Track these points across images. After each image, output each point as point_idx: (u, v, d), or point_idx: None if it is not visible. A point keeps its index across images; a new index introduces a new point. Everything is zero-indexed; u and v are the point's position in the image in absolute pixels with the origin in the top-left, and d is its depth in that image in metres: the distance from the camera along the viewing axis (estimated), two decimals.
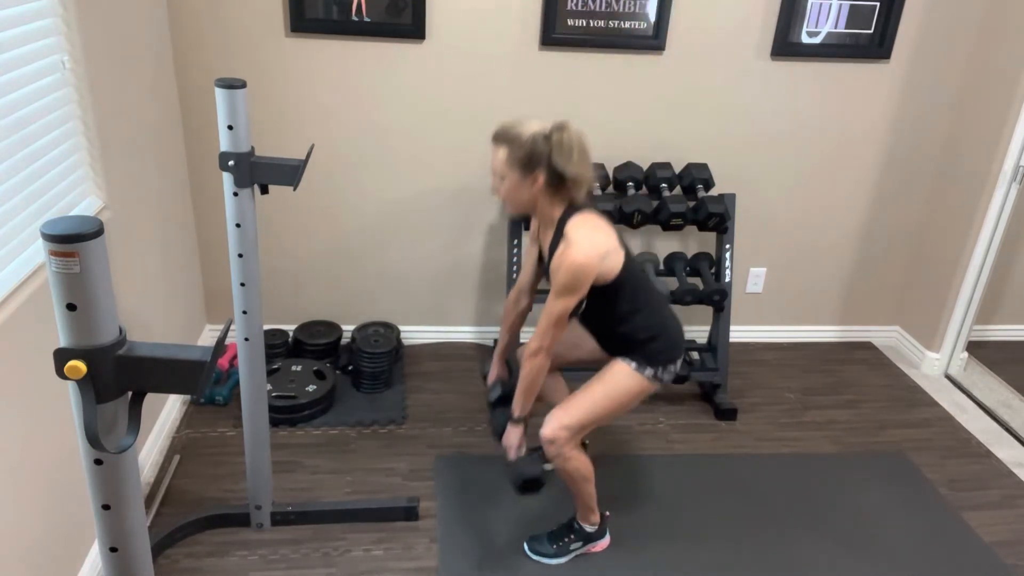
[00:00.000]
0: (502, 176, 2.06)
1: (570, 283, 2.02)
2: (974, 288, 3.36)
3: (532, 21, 2.95)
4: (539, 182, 2.04)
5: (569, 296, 2.04)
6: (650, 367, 2.17)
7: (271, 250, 3.24)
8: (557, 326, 2.07)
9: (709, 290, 3.07)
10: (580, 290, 2.04)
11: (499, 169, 2.06)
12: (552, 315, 2.06)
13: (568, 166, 2.01)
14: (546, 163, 2.01)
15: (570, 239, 2.02)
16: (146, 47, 2.62)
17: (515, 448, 2.23)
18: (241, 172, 1.92)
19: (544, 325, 2.09)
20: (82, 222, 0.96)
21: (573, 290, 2.03)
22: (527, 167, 2.03)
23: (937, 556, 2.48)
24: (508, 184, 2.06)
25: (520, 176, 2.04)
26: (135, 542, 1.16)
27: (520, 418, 2.22)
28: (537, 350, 2.11)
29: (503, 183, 2.07)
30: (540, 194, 2.07)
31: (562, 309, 2.05)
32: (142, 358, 1.03)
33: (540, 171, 2.03)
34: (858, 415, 3.20)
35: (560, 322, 2.07)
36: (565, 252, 2.01)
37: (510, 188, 2.07)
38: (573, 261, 2.00)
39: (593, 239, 2.04)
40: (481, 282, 3.41)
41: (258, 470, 2.32)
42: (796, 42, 3.08)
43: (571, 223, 2.05)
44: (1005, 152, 3.11)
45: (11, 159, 1.85)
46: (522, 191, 2.07)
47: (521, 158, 2.02)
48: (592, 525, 2.38)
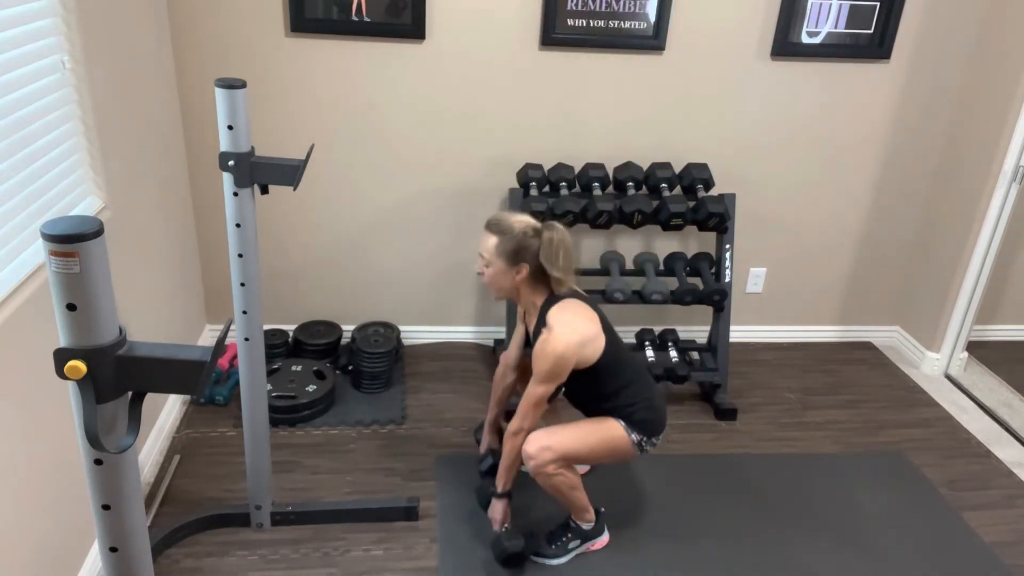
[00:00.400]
0: (488, 262, 2.19)
1: (550, 371, 2.13)
2: (974, 288, 3.36)
3: (532, 21, 2.95)
4: (523, 273, 2.17)
5: (549, 382, 2.15)
6: (636, 434, 2.24)
7: (271, 250, 3.24)
8: (537, 407, 2.19)
9: (709, 290, 3.07)
10: (559, 377, 2.15)
11: (487, 255, 2.18)
12: (532, 399, 2.17)
13: (553, 266, 2.15)
14: (531, 258, 2.15)
15: (551, 327, 2.13)
16: (146, 47, 2.62)
17: (499, 522, 2.33)
18: (241, 172, 1.92)
19: (525, 407, 2.19)
20: (82, 222, 0.96)
21: (552, 377, 2.14)
22: (513, 258, 2.15)
23: (937, 556, 2.48)
24: (493, 271, 2.19)
25: (506, 265, 2.17)
26: (135, 542, 1.16)
27: (504, 492, 2.33)
28: (518, 430, 2.21)
29: (489, 269, 2.20)
30: (523, 284, 2.20)
31: (542, 394, 2.17)
32: (142, 358, 1.03)
33: (525, 264, 2.16)
34: (858, 415, 3.20)
35: (540, 404, 2.19)
36: (546, 341, 2.12)
37: (495, 275, 2.19)
38: (552, 351, 2.10)
39: (574, 327, 2.14)
40: (481, 282, 3.41)
41: (258, 470, 2.32)
42: (796, 42, 3.08)
43: (552, 311, 2.16)
44: (1005, 152, 3.11)
45: (11, 159, 1.85)
46: (506, 279, 2.19)
47: (509, 250, 2.15)
48: (588, 523, 2.39)
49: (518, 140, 3.14)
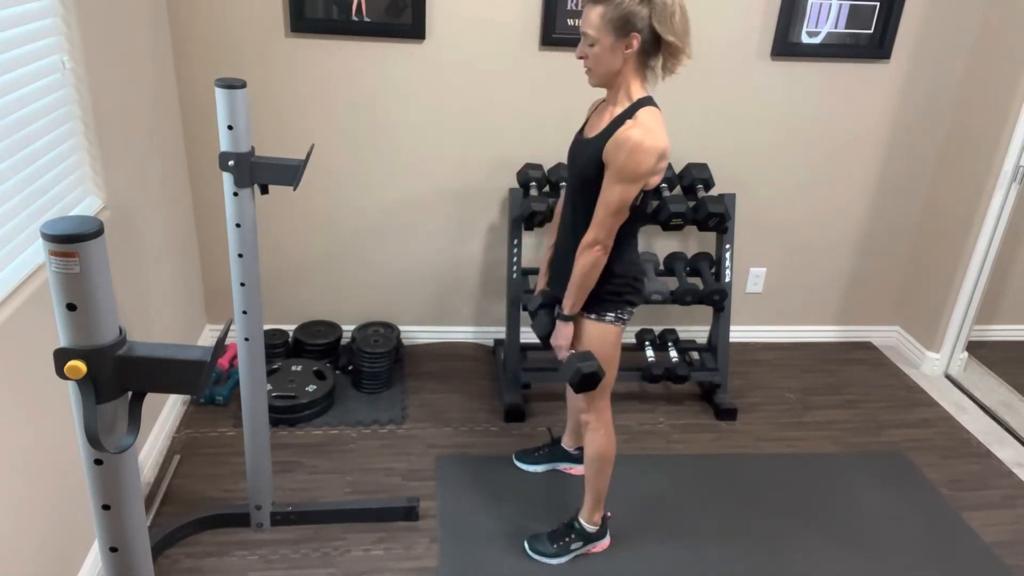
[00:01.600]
0: (595, 40, 1.88)
1: (630, 165, 1.87)
2: (974, 288, 3.36)
3: (532, 21, 2.95)
4: (634, 46, 1.88)
5: (627, 183, 1.89)
6: (611, 312, 2.11)
7: (271, 250, 3.24)
8: (616, 216, 1.94)
9: (709, 290, 3.07)
10: (639, 177, 1.89)
11: (592, 30, 1.88)
12: (611, 206, 1.93)
13: (668, 31, 1.86)
14: (644, 25, 1.86)
15: (639, 120, 1.89)
16: (146, 47, 2.62)
17: (566, 347, 2.14)
18: (241, 172, 1.92)
19: (600, 215, 1.95)
20: (82, 222, 0.96)
21: (632, 175, 1.88)
22: (623, 28, 1.86)
23: (937, 556, 2.48)
24: (600, 48, 1.89)
25: (614, 39, 1.87)
26: (135, 542, 1.16)
27: (571, 315, 2.11)
28: (593, 242, 1.98)
29: (594, 48, 1.90)
30: (630, 64, 1.91)
31: (619, 197, 1.91)
32: (142, 358, 1.03)
33: (636, 34, 1.86)
34: (858, 415, 3.20)
35: (619, 212, 1.94)
36: (629, 129, 1.88)
37: (601, 53, 1.89)
38: (635, 140, 1.86)
39: (661, 134, 1.90)
40: (481, 282, 3.41)
41: (258, 470, 2.32)
42: (796, 42, 3.08)
43: (646, 109, 1.92)
44: (1005, 152, 3.11)
45: (11, 159, 1.85)
46: (614, 57, 1.89)
47: (618, 18, 1.85)
48: (594, 525, 2.38)
49: (518, 140, 3.15)
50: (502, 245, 3.33)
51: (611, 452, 2.28)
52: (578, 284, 2.05)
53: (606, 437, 2.25)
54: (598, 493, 2.34)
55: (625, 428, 3.00)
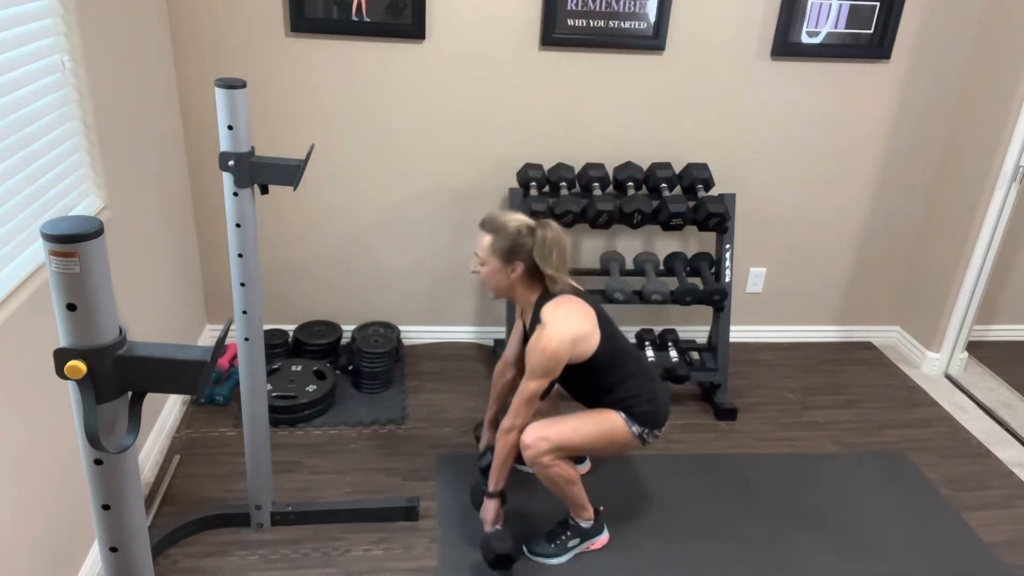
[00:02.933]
0: (483, 262, 2.19)
1: (542, 367, 2.13)
2: (974, 288, 3.36)
3: (532, 21, 2.95)
4: (518, 272, 2.17)
5: (541, 379, 2.15)
6: (638, 425, 2.23)
7: (271, 250, 3.24)
8: (530, 404, 2.19)
9: (709, 290, 3.07)
10: (552, 373, 2.15)
11: (482, 254, 2.18)
12: (524, 395, 2.17)
13: (546, 264, 2.14)
14: (526, 256, 2.14)
15: (544, 324, 2.13)
16: (146, 47, 2.62)
17: (490, 522, 2.31)
18: (241, 172, 1.92)
19: (517, 404, 2.19)
20: (82, 222, 0.96)
21: (545, 374, 2.14)
22: (508, 257, 2.15)
23: (937, 556, 2.48)
24: (488, 269, 2.19)
25: (500, 264, 2.17)
26: (135, 542, 1.16)
27: (495, 492, 2.31)
28: (510, 428, 2.20)
29: (484, 268, 2.20)
30: (517, 282, 2.20)
31: (534, 390, 2.16)
32: (142, 358, 1.03)
33: (519, 262, 2.15)
34: (858, 415, 3.20)
35: (532, 400, 2.18)
36: (539, 337, 2.12)
37: (489, 273, 2.20)
38: (544, 348, 2.11)
39: (567, 323, 2.14)
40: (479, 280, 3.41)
41: (258, 470, 2.32)
42: (796, 42, 3.08)
43: (547, 307, 2.16)
44: (1005, 152, 3.11)
45: (11, 159, 1.85)
46: (501, 278, 2.19)
47: (503, 248, 2.14)
48: (587, 521, 2.39)
49: (518, 140, 3.14)
50: None
51: (570, 474, 2.28)
52: (499, 465, 2.27)
53: (561, 468, 2.25)
54: (572, 500, 2.35)
55: None
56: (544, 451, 2.17)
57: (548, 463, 2.20)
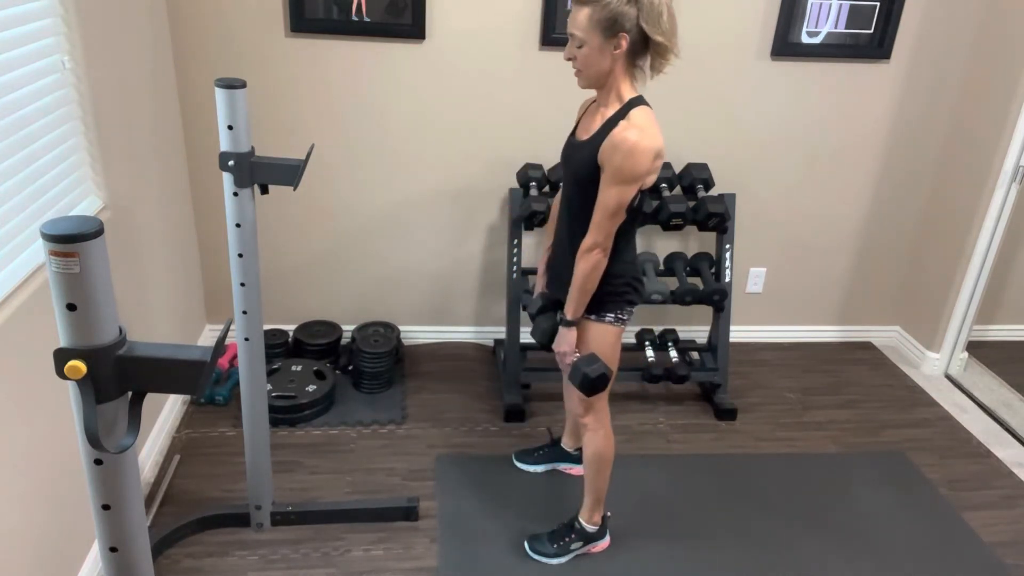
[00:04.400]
0: (582, 41, 1.89)
1: (627, 166, 1.88)
2: (974, 288, 3.36)
3: (532, 21, 2.95)
4: (622, 47, 1.88)
5: (625, 184, 1.90)
6: (611, 313, 2.11)
7: (271, 250, 3.24)
8: (613, 218, 1.94)
9: (709, 290, 3.07)
10: (636, 178, 1.89)
11: (580, 32, 1.89)
12: (608, 207, 1.93)
13: (656, 29, 1.86)
14: (632, 25, 1.86)
15: (633, 120, 1.90)
16: (146, 47, 2.62)
17: (570, 353, 2.13)
18: (241, 172, 1.92)
19: (598, 218, 1.95)
20: (82, 222, 0.96)
21: (629, 177, 1.89)
22: (611, 29, 1.86)
23: (937, 556, 2.48)
24: (588, 49, 1.90)
25: (602, 40, 1.88)
26: (135, 542, 1.16)
27: (573, 320, 2.10)
28: (592, 245, 1.98)
29: (582, 49, 1.90)
30: (619, 64, 1.92)
31: (617, 199, 1.91)
32: (142, 358, 1.03)
33: (624, 35, 1.87)
34: (858, 415, 3.20)
35: (616, 214, 1.94)
36: (624, 130, 1.88)
37: (589, 54, 1.90)
38: (631, 141, 1.86)
39: (656, 132, 1.90)
40: (481, 282, 3.41)
41: (258, 470, 2.32)
42: (796, 42, 3.08)
43: (638, 109, 1.93)
44: (1005, 152, 3.11)
45: (11, 159, 1.85)
46: (602, 58, 1.90)
47: (605, 19, 1.85)
48: (594, 525, 2.38)
49: (518, 140, 3.15)
50: (502, 245, 3.33)
51: (610, 453, 2.28)
52: (579, 288, 2.04)
53: (605, 438, 2.25)
54: (598, 493, 2.34)
55: (625, 428, 3.00)
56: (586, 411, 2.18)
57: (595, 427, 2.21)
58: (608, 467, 2.30)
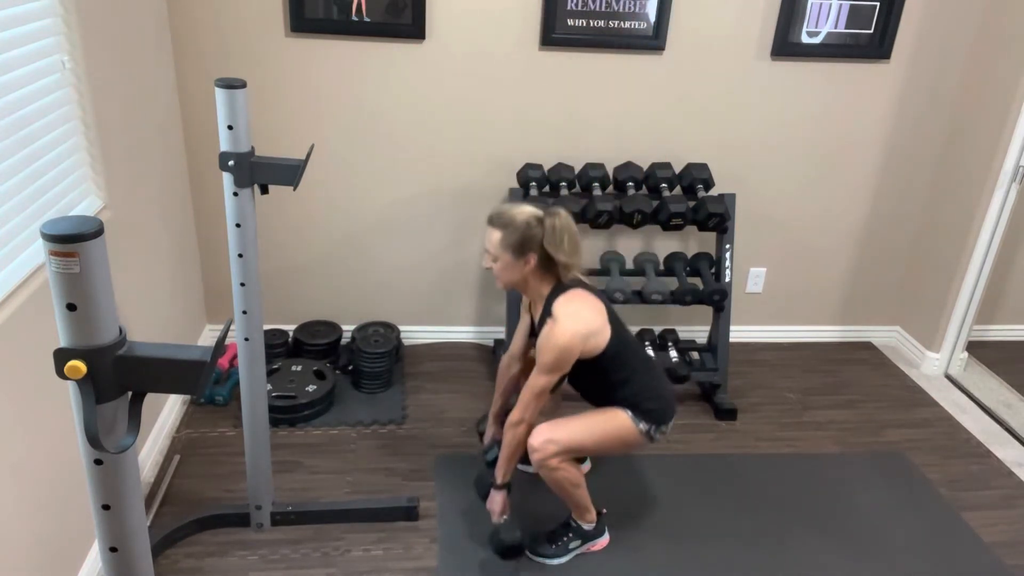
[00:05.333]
0: (495, 257, 2.18)
1: (553, 362, 2.12)
2: (974, 288, 3.36)
3: (532, 21, 2.95)
4: (530, 264, 2.17)
5: (552, 373, 2.14)
6: (645, 423, 2.23)
7: (271, 250, 3.24)
8: (539, 398, 2.18)
9: (709, 290, 3.07)
10: (562, 368, 2.14)
11: (493, 250, 2.18)
12: (535, 389, 2.17)
13: (558, 252, 2.14)
14: (538, 247, 2.14)
15: (556, 318, 2.13)
16: (146, 47, 2.62)
17: (498, 513, 2.30)
18: (241, 172, 1.92)
19: (526, 398, 2.19)
20: (82, 222, 0.96)
21: (556, 368, 2.14)
22: (519, 250, 2.15)
23: (937, 556, 2.48)
24: (501, 264, 2.19)
25: (512, 258, 2.16)
26: (135, 542, 1.16)
27: (503, 484, 2.29)
28: (519, 421, 2.20)
29: (496, 263, 2.19)
30: (531, 274, 2.19)
31: (544, 384, 2.16)
32: (142, 358, 1.03)
33: (532, 254, 2.15)
34: (858, 415, 3.20)
35: (542, 395, 2.18)
36: (551, 331, 2.12)
37: (502, 268, 2.19)
38: (556, 343, 2.10)
39: (579, 317, 2.13)
40: (481, 282, 3.41)
41: (258, 470, 2.32)
42: (796, 42, 3.08)
43: (558, 301, 2.16)
44: (1005, 152, 3.11)
45: (11, 159, 1.85)
46: (514, 272, 2.19)
47: (514, 242, 2.14)
48: (589, 523, 2.39)
49: (518, 140, 3.15)
50: None
51: (576, 478, 2.29)
52: (507, 457, 2.25)
53: (567, 471, 2.25)
54: (577, 503, 2.35)
55: None
56: (552, 454, 2.17)
57: (555, 466, 2.20)
58: (581, 483, 2.31)
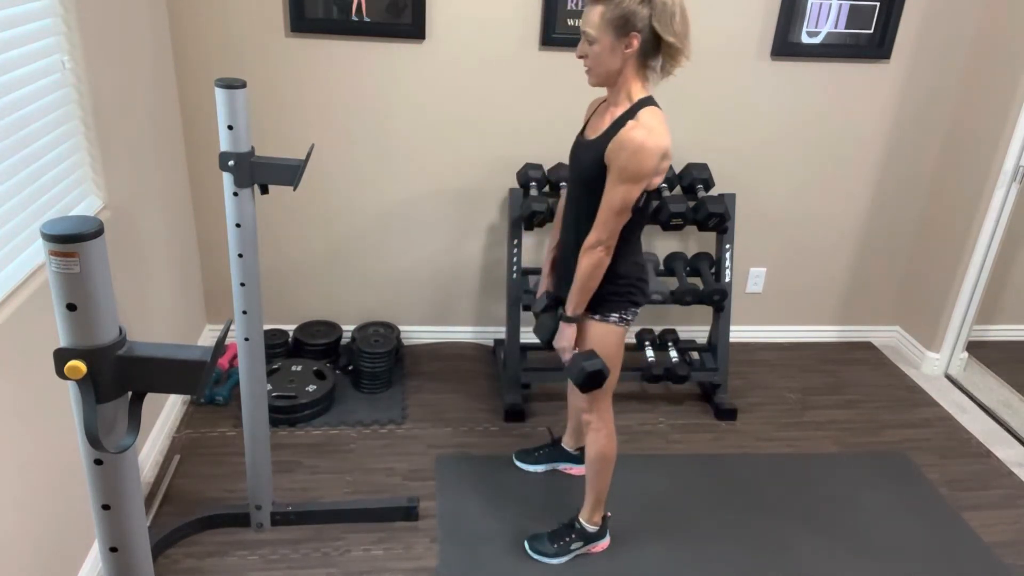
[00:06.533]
0: (594, 39, 1.89)
1: (632, 165, 1.88)
2: (974, 288, 3.36)
3: (532, 21, 2.95)
4: (633, 46, 1.88)
5: (630, 183, 1.89)
6: (619, 314, 2.11)
7: (271, 250, 3.24)
8: (619, 216, 1.94)
9: (709, 290, 3.07)
10: (642, 178, 1.89)
11: (592, 30, 1.89)
12: (613, 205, 1.93)
13: (668, 30, 1.86)
14: (644, 25, 1.86)
15: (641, 120, 1.89)
16: (146, 47, 2.62)
17: (569, 348, 2.14)
18: (241, 172, 1.92)
19: (603, 216, 1.95)
20: (82, 222, 0.96)
21: (635, 176, 1.88)
22: (623, 28, 1.86)
23: (937, 556, 2.48)
24: (599, 47, 1.90)
25: (614, 38, 1.88)
26: (135, 542, 1.16)
27: (574, 317, 2.10)
28: (596, 243, 1.98)
29: (592, 47, 1.91)
30: (629, 64, 1.92)
31: (623, 197, 1.91)
32: (142, 358, 1.03)
33: (636, 34, 1.87)
34: (858, 415, 3.20)
35: (622, 212, 1.94)
36: (632, 130, 1.88)
37: (601, 52, 1.90)
38: (638, 140, 1.86)
39: (663, 132, 1.90)
40: (481, 282, 3.42)
41: (258, 470, 2.32)
42: (796, 42, 3.08)
43: (647, 109, 1.92)
44: (1005, 152, 3.11)
45: (11, 159, 1.85)
46: (613, 57, 1.90)
47: (618, 17, 1.85)
48: (594, 525, 2.39)
49: (518, 140, 3.15)
50: (502, 245, 3.33)
51: (613, 453, 2.28)
52: (581, 285, 2.05)
53: (608, 438, 2.25)
54: (599, 493, 2.34)
55: (625, 428, 3.00)
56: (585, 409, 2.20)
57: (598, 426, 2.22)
58: (610, 468, 2.30)
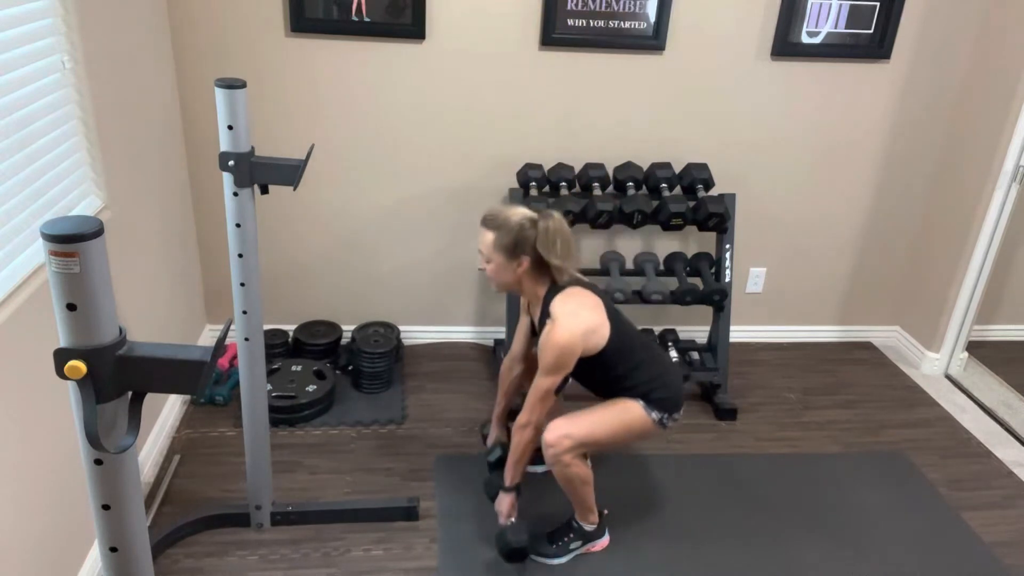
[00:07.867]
0: (488, 258, 2.19)
1: (555, 363, 2.12)
2: (974, 288, 3.36)
3: (532, 21, 2.95)
4: (523, 266, 2.17)
5: (555, 374, 2.14)
6: (657, 411, 2.23)
7: (271, 250, 3.24)
8: (544, 401, 2.18)
9: (709, 290, 3.07)
10: (566, 368, 2.14)
11: (486, 251, 2.19)
12: (539, 391, 2.17)
13: (551, 254, 2.14)
14: (531, 249, 2.15)
15: (555, 318, 2.12)
16: (146, 47, 2.62)
17: (505, 515, 2.30)
18: (241, 172, 1.92)
19: (532, 400, 2.18)
20: (82, 222, 0.95)
21: (558, 368, 2.13)
22: (512, 252, 2.16)
23: (937, 556, 2.48)
24: (494, 266, 2.20)
25: (505, 260, 2.17)
26: (135, 542, 1.16)
27: (511, 487, 2.30)
28: (526, 423, 2.21)
29: (490, 264, 2.20)
30: (524, 276, 2.20)
31: (548, 386, 2.16)
32: (142, 358, 1.02)
33: (525, 256, 2.16)
34: (858, 415, 3.20)
35: (547, 397, 2.17)
36: (550, 332, 2.11)
37: (496, 270, 2.20)
38: (557, 342, 2.09)
39: (578, 317, 2.13)
40: (481, 282, 3.41)
41: (258, 470, 2.32)
42: (796, 42, 3.08)
43: (555, 301, 2.16)
44: (1005, 152, 3.10)
45: (11, 159, 1.85)
46: (507, 273, 2.20)
47: (507, 244, 2.15)
48: (591, 524, 2.39)
49: (518, 140, 3.15)
50: None
51: (587, 476, 2.29)
52: (514, 460, 2.27)
53: (579, 468, 2.25)
54: (583, 503, 2.35)
55: None
56: (566, 449, 2.17)
57: (568, 462, 2.19)
58: (590, 481, 2.31)
